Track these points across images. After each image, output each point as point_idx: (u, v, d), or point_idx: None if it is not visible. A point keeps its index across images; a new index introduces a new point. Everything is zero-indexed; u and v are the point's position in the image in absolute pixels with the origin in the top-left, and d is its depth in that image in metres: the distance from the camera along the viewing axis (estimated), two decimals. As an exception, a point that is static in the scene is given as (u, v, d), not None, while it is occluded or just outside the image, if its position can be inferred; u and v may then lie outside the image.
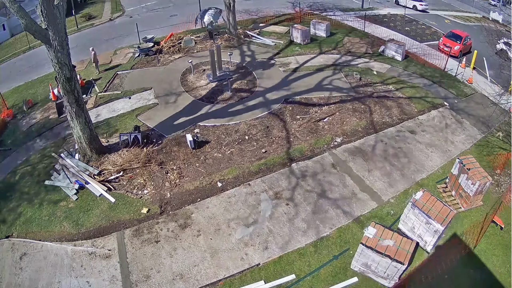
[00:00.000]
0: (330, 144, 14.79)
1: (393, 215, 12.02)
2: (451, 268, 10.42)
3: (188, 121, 16.16)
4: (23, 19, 11.14)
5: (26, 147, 15.67)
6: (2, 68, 25.12)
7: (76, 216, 12.05)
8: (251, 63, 21.03)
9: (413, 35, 26.77)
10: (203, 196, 12.60)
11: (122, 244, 11.14)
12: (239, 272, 10.37)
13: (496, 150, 14.87)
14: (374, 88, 18.58)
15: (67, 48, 12.25)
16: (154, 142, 14.93)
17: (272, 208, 12.14)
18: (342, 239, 11.24)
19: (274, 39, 24.13)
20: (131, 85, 19.09)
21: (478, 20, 32.03)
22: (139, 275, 10.31)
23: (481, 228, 10.72)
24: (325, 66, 20.59)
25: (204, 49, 22.66)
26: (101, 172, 13.49)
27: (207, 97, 17.87)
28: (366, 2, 33.70)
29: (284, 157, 14.10)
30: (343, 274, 10.30)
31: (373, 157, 14.23)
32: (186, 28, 26.01)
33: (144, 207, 12.19)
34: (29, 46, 27.38)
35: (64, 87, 12.71)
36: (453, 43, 23.10)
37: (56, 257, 10.88)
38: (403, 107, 17.14)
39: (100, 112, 17.22)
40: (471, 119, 16.82)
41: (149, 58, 21.97)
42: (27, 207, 12.62)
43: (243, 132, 15.39)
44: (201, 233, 11.38)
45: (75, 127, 13.50)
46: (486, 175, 11.89)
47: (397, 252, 9.47)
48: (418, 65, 21.27)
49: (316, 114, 16.57)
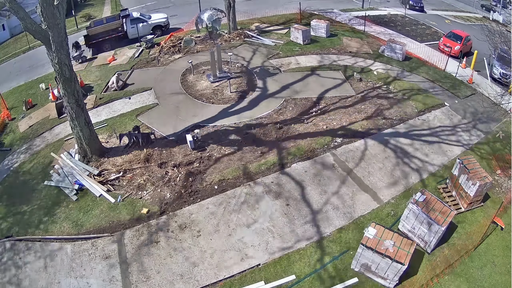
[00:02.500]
0: (330, 144, 14.77)
1: (393, 215, 12.01)
2: (451, 268, 10.42)
3: (188, 121, 16.15)
4: (23, 19, 11.13)
5: (26, 147, 15.66)
6: (2, 68, 25.14)
7: (76, 217, 12.04)
8: (251, 63, 21.01)
9: (413, 35, 26.76)
10: (203, 197, 12.59)
11: (122, 244, 11.12)
12: (239, 273, 10.35)
13: (497, 151, 14.86)
14: (374, 89, 18.57)
15: (67, 48, 12.23)
16: (154, 142, 14.91)
17: (272, 209, 12.12)
18: (342, 239, 11.23)
19: (274, 39, 24.12)
20: (131, 85, 19.07)
21: (478, 20, 32.03)
22: (139, 275, 10.30)
23: (486, 230, 10.71)
24: (325, 67, 20.58)
25: (204, 50, 22.66)
26: (101, 172, 13.48)
27: (207, 97, 17.86)
28: (366, 2, 33.71)
29: (284, 157, 14.08)
30: (343, 275, 10.28)
31: (373, 158, 14.20)
32: (186, 28, 26.07)
33: (144, 208, 12.18)
34: (29, 46, 27.39)
35: (64, 88, 12.70)
36: (453, 43, 23.09)
37: (55, 257, 10.87)
38: (403, 107, 17.12)
39: (100, 112, 17.22)
40: (472, 119, 16.80)
41: (149, 58, 21.98)
42: (27, 207, 12.60)
43: (243, 132, 15.37)
44: (201, 234, 11.36)
45: (75, 127, 13.48)
46: (487, 176, 11.87)
47: (397, 253, 9.45)
48: (418, 65, 21.25)
49: (316, 114, 16.56)
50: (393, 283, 9.81)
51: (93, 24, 24.58)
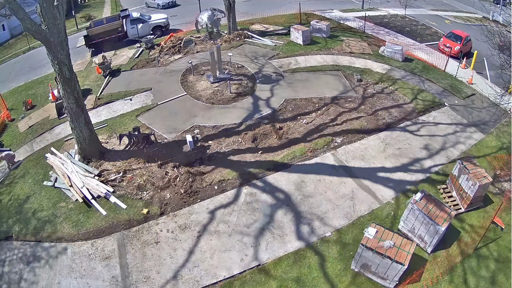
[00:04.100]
0: (330, 144, 14.77)
1: (393, 216, 12.00)
2: (451, 268, 10.42)
3: (188, 121, 16.15)
4: (23, 19, 11.13)
5: (26, 148, 15.66)
6: (2, 68, 25.15)
7: (76, 217, 12.03)
8: (251, 64, 21.01)
9: (413, 35, 26.76)
10: (203, 197, 12.58)
11: (122, 245, 11.12)
12: (239, 273, 10.35)
13: (497, 151, 14.85)
14: (374, 89, 18.57)
15: (67, 49, 12.24)
16: (154, 142, 14.91)
17: (272, 209, 12.12)
18: (342, 240, 11.22)
19: (274, 39, 24.13)
20: (131, 86, 19.08)
21: (478, 20, 32.00)
22: (139, 276, 10.29)
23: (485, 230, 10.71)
24: (325, 67, 20.57)
25: (204, 50, 22.67)
26: (101, 172, 13.48)
27: (207, 97, 17.86)
28: (366, 3, 33.71)
29: (284, 157, 14.07)
30: (343, 275, 10.28)
31: (372, 158, 14.20)
32: (186, 29, 26.09)
33: (144, 208, 12.18)
34: (29, 47, 27.43)
35: (64, 88, 12.70)
36: (453, 44, 23.09)
37: (55, 258, 10.87)
38: (403, 108, 17.12)
39: (100, 112, 17.22)
40: (472, 120, 16.80)
41: (149, 58, 21.99)
42: (27, 208, 12.61)
43: (243, 133, 15.37)
44: (201, 234, 11.36)
45: (75, 128, 13.49)
46: (487, 176, 11.87)
47: (397, 253, 9.45)
48: (418, 66, 21.25)
49: (316, 114, 16.56)
50: (393, 283, 9.81)
51: (93, 24, 24.63)
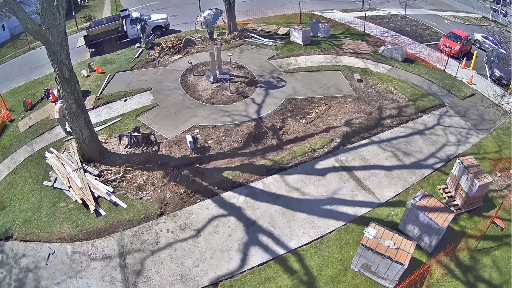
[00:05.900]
0: (330, 144, 14.76)
1: (393, 215, 12.00)
2: (451, 268, 10.42)
3: (188, 121, 16.15)
4: (22, 19, 11.13)
5: (26, 148, 15.66)
6: (2, 68, 25.14)
7: (76, 217, 12.03)
8: (251, 64, 21.00)
9: (413, 35, 26.76)
10: (203, 197, 12.58)
11: (122, 245, 11.12)
12: (239, 273, 10.35)
13: (497, 151, 14.85)
14: (374, 89, 18.57)
15: (66, 49, 12.24)
16: (154, 142, 14.91)
17: (272, 209, 12.12)
18: (342, 240, 11.22)
19: (274, 39, 24.12)
20: (131, 86, 19.08)
21: (478, 20, 32.01)
22: (139, 275, 10.29)
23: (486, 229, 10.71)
24: (325, 67, 20.57)
25: (204, 50, 22.67)
26: (101, 173, 13.48)
27: (207, 97, 17.86)
28: (366, 3, 33.70)
29: (284, 158, 14.07)
30: (343, 275, 10.28)
31: (372, 158, 14.20)
32: (186, 29, 26.10)
33: (144, 208, 12.17)
34: (29, 47, 27.42)
35: (63, 88, 12.70)
36: (453, 44, 23.10)
37: (55, 258, 10.87)
38: (403, 108, 17.12)
39: (100, 112, 17.22)
40: (472, 120, 16.80)
41: (149, 59, 21.99)
42: (27, 208, 12.60)
43: (243, 133, 15.37)
44: (201, 234, 11.36)
45: (74, 128, 13.49)
46: (486, 176, 11.87)
47: (397, 253, 9.44)
48: (418, 66, 21.26)
49: (316, 114, 16.56)
50: (393, 284, 9.81)
51: (93, 24, 24.61)
